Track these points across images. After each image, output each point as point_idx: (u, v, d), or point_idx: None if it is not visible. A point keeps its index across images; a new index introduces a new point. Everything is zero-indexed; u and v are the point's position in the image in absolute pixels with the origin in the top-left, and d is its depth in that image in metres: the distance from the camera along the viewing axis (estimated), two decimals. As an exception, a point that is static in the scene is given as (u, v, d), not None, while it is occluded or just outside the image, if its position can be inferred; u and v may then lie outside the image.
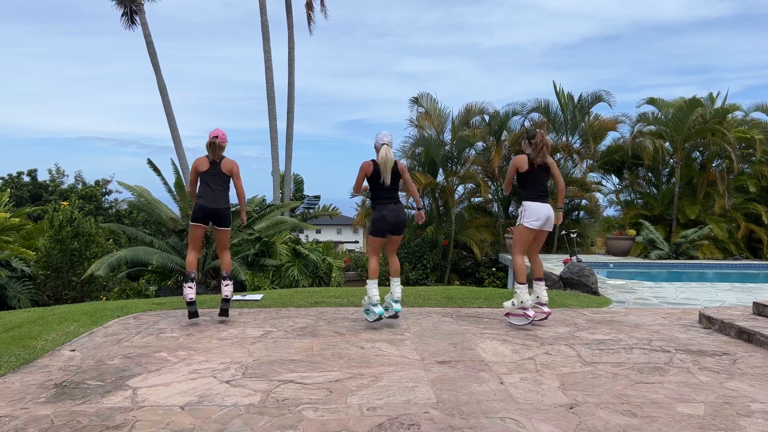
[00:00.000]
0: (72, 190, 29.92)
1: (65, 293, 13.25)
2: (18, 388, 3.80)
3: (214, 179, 5.93)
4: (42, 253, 13.20)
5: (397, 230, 5.82)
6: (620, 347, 5.01)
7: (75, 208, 14.33)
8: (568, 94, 16.80)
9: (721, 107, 16.14)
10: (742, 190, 16.19)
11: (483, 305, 7.05)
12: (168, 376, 4.08)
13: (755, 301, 6.12)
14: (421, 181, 15.80)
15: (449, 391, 3.78)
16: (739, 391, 3.86)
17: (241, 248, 13.29)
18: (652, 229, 15.01)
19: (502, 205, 17.84)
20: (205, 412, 3.39)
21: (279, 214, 15.12)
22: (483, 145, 17.29)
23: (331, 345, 4.99)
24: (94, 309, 6.71)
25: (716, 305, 7.22)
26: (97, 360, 4.49)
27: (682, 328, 5.90)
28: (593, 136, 16.38)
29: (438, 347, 4.94)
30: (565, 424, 3.25)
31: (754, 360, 4.67)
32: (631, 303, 7.59)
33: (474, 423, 3.24)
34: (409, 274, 15.26)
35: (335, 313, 6.52)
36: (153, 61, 19.37)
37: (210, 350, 4.80)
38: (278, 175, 20.16)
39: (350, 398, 3.64)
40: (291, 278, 13.21)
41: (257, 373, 4.16)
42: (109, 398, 3.61)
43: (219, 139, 5.92)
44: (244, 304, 6.99)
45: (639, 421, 3.31)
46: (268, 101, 20.02)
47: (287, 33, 20.96)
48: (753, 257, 15.79)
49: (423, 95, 17.23)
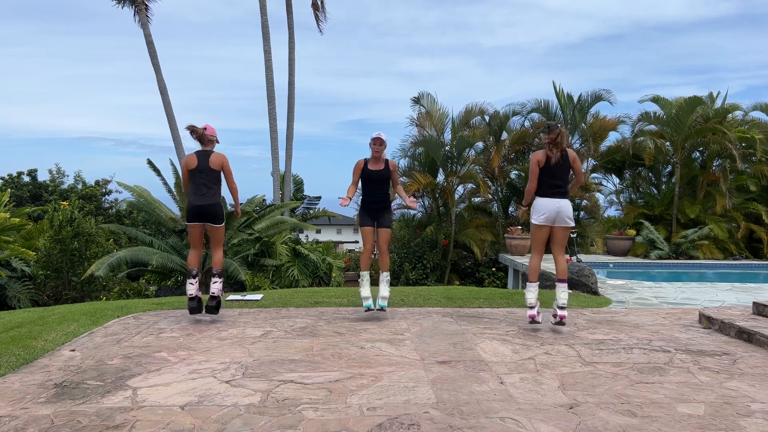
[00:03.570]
0: (72, 190, 29.89)
1: (65, 293, 13.26)
2: (18, 388, 3.80)
3: (202, 176, 5.89)
4: (42, 253, 13.20)
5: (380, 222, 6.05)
6: (620, 347, 5.01)
7: (75, 208, 14.34)
8: (568, 94, 16.81)
9: (721, 107, 16.15)
10: (742, 190, 16.20)
11: (483, 305, 7.05)
12: (168, 376, 4.08)
13: (755, 301, 6.12)
14: (421, 181, 15.80)
15: (449, 391, 3.78)
16: (739, 391, 3.86)
17: (241, 248, 13.29)
18: (652, 229, 15.01)
19: (502, 205, 17.83)
20: (205, 412, 3.39)
21: (279, 214, 15.11)
22: (483, 145, 17.30)
23: (331, 345, 4.99)
24: (94, 309, 6.70)
25: (716, 305, 7.22)
26: (97, 360, 4.49)
27: (682, 328, 5.90)
28: (593, 136, 16.38)
29: (438, 347, 4.94)
30: (565, 424, 3.25)
31: (754, 360, 4.67)
32: (631, 303, 7.59)
33: (474, 423, 3.24)
34: (409, 274, 15.26)
35: (335, 313, 6.52)
36: (153, 61, 19.36)
37: (210, 350, 4.80)
38: (278, 175, 20.15)
39: (350, 398, 3.64)
40: (291, 278, 13.21)
41: (257, 373, 4.16)
42: (109, 398, 3.61)
43: (207, 132, 5.90)
44: (244, 304, 6.99)
45: (639, 421, 3.31)
46: (268, 101, 20.01)
47: (288, 33, 20.98)
48: (753, 257, 15.80)
49: (424, 95, 17.24)
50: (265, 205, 16.40)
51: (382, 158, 6.05)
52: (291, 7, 21.01)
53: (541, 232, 5.69)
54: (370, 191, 6.05)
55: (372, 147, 6.00)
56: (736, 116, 16.73)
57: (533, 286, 5.76)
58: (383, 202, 6.08)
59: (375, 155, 6.01)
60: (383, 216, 6.10)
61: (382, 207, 6.09)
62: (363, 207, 6.12)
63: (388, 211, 6.14)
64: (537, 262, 5.84)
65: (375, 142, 5.97)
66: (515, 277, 13.92)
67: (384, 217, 6.10)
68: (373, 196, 6.06)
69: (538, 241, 5.77)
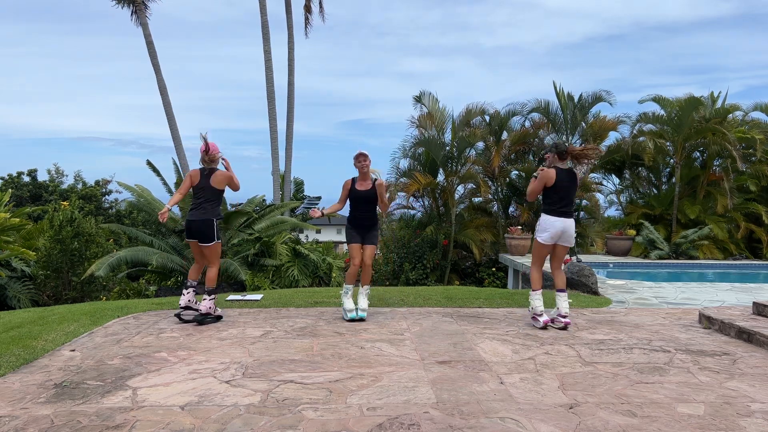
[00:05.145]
0: (72, 190, 29.89)
1: (65, 293, 13.26)
2: (18, 388, 3.80)
3: (200, 193, 5.89)
4: (42, 253, 13.20)
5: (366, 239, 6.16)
6: (620, 347, 5.01)
7: (75, 208, 14.34)
8: (568, 94, 16.80)
9: (721, 107, 16.14)
10: (742, 190, 16.20)
11: (483, 305, 7.05)
12: (168, 376, 4.08)
13: (755, 301, 6.12)
14: (421, 181, 15.80)
15: (449, 391, 3.78)
16: (739, 391, 3.86)
17: (241, 248, 13.30)
18: (652, 229, 15.01)
19: (502, 205, 17.83)
20: (205, 412, 3.39)
21: (279, 214, 15.11)
22: (483, 145, 17.30)
23: (331, 345, 4.99)
24: (94, 309, 6.70)
25: (716, 305, 7.22)
26: (97, 360, 4.49)
27: (682, 328, 5.90)
28: (594, 136, 16.38)
29: (438, 347, 4.94)
30: (565, 424, 3.25)
31: (754, 360, 4.67)
32: (631, 303, 7.59)
33: (474, 423, 3.24)
34: (409, 274, 15.25)
35: (335, 313, 6.52)
36: (153, 61, 19.36)
37: (210, 350, 4.80)
38: (278, 175, 20.16)
39: (350, 398, 3.64)
40: (291, 278, 13.21)
41: (257, 373, 4.16)
42: (109, 398, 3.61)
43: (210, 152, 5.86)
44: (244, 304, 6.99)
45: (639, 421, 3.31)
46: (268, 101, 20.02)
47: (287, 33, 20.98)
48: (753, 257, 15.80)
49: (425, 93, 17.24)
50: (265, 205, 16.40)
51: (370, 176, 6.12)
52: (290, 7, 21.03)
53: (546, 249, 5.86)
54: (357, 210, 6.18)
55: (356, 164, 6.07)
56: (737, 116, 16.73)
57: (539, 294, 5.91)
58: (370, 220, 6.21)
59: (362, 171, 6.09)
60: (369, 233, 6.21)
61: (369, 225, 6.21)
62: (350, 224, 6.24)
63: (374, 229, 6.28)
64: (540, 274, 6.00)
65: (358, 159, 6.05)
66: (515, 277, 13.92)
67: (370, 234, 6.22)
68: (360, 214, 6.18)
69: (541, 257, 5.94)
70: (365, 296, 6.24)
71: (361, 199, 6.11)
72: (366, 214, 6.16)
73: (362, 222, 6.18)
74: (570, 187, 5.71)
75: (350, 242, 6.21)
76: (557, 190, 5.67)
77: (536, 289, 5.92)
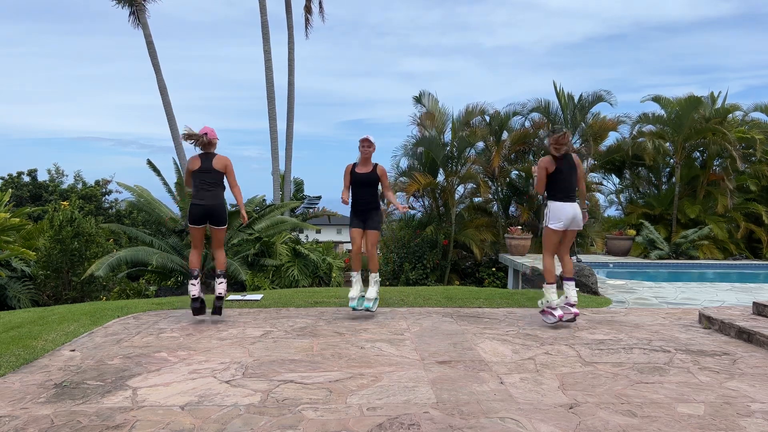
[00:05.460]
0: (72, 190, 29.88)
1: (65, 293, 13.26)
2: (18, 388, 3.80)
3: (206, 177, 5.91)
4: (42, 253, 13.20)
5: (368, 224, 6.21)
6: (620, 347, 5.01)
7: (75, 208, 14.34)
8: (569, 94, 16.79)
9: (722, 107, 16.15)
10: (742, 190, 16.21)
11: (483, 305, 7.05)
12: (168, 376, 4.08)
13: (755, 301, 6.12)
14: (421, 181, 15.80)
15: (449, 391, 3.78)
16: (739, 391, 3.86)
17: (241, 248, 13.30)
18: (652, 229, 15.01)
19: (502, 205, 17.83)
20: (205, 412, 3.39)
21: (279, 214, 15.12)
22: (483, 145, 17.30)
23: (331, 345, 4.99)
24: (94, 309, 6.70)
25: (716, 305, 7.22)
26: (97, 360, 4.49)
27: (682, 328, 5.90)
28: (594, 136, 16.37)
29: (438, 347, 4.94)
30: (565, 424, 3.25)
31: (754, 360, 4.67)
32: (631, 303, 7.59)
33: (474, 423, 3.24)
34: (409, 274, 15.25)
35: (335, 313, 6.52)
36: (153, 61, 19.37)
37: (210, 350, 4.80)
38: (278, 175, 20.17)
39: (350, 398, 3.64)
40: (291, 278, 13.21)
41: (257, 373, 4.16)
42: (109, 398, 3.61)
43: (209, 136, 5.92)
44: (244, 304, 6.99)
45: (639, 421, 3.31)
46: (268, 101, 20.02)
47: (287, 33, 20.98)
48: (753, 257, 15.80)
49: (425, 93, 17.26)
50: (265, 205, 16.41)
51: (371, 161, 6.24)
52: (290, 7, 21.04)
53: (557, 236, 5.89)
54: (357, 193, 6.23)
55: (360, 148, 6.21)
56: (737, 116, 16.73)
57: (553, 287, 5.90)
58: (370, 203, 6.24)
59: (364, 156, 6.20)
60: (371, 218, 6.24)
61: (370, 208, 6.24)
62: (352, 208, 6.30)
63: (376, 213, 6.29)
64: (552, 263, 6.00)
65: (363, 143, 6.18)
66: (515, 277, 13.91)
67: (372, 219, 6.25)
68: (360, 198, 6.22)
69: (554, 244, 5.96)
70: (373, 283, 6.25)
71: (362, 182, 6.19)
72: (366, 197, 6.21)
73: (363, 206, 6.21)
74: (570, 172, 5.82)
75: (351, 226, 6.28)
76: (558, 176, 5.78)
77: (551, 282, 5.90)
